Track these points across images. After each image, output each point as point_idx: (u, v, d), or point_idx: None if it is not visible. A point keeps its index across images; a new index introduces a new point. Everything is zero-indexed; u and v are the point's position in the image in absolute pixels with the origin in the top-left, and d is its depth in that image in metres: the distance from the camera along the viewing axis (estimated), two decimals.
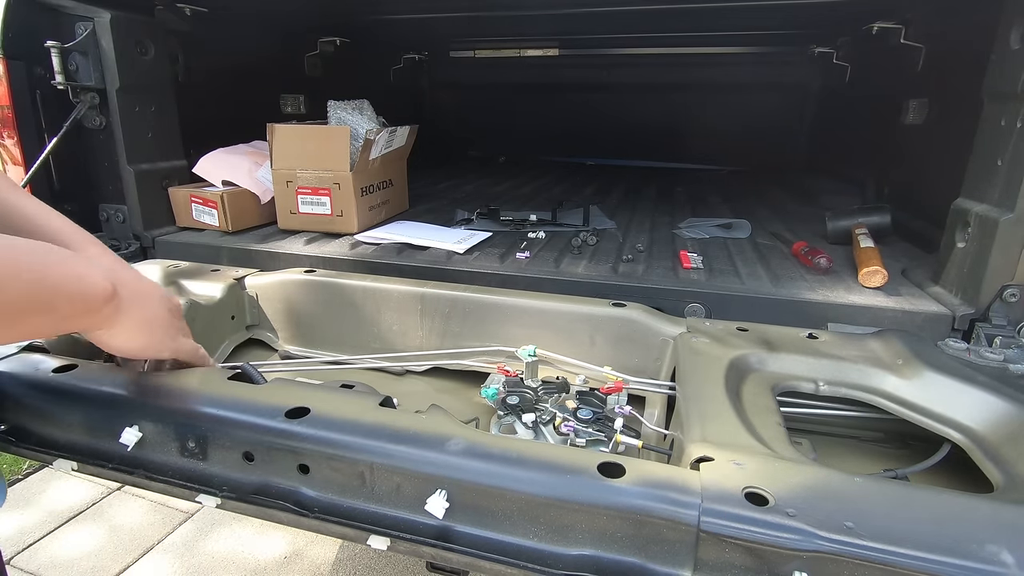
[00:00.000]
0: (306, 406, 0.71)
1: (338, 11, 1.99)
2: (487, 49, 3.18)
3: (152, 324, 0.75)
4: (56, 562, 1.74)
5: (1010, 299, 1.00)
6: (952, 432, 0.79)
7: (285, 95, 2.22)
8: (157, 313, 0.75)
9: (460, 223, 1.68)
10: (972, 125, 1.12)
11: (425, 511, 0.62)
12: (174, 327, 0.79)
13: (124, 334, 0.71)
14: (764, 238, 1.59)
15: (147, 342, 0.74)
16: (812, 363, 0.92)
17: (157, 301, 0.77)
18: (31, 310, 0.56)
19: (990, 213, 1.01)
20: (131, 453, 0.74)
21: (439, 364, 1.14)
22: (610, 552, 0.58)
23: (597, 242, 1.49)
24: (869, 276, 1.15)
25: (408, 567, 1.75)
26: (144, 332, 0.73)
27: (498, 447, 0.64)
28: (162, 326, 0.76)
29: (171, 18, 1.62)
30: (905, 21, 1.73)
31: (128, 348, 0.73)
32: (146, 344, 0.75)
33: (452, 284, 1.18)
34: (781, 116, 2.92)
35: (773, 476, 0.60)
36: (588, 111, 3.21)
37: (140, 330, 0.72)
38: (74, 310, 0.62)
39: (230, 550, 1.80)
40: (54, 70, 1.37)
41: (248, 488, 0.70)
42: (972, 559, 0.50)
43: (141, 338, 0.73)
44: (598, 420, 0.87)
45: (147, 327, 0.74)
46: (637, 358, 1.05)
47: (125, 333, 0.71)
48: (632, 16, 1.98)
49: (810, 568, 0.52)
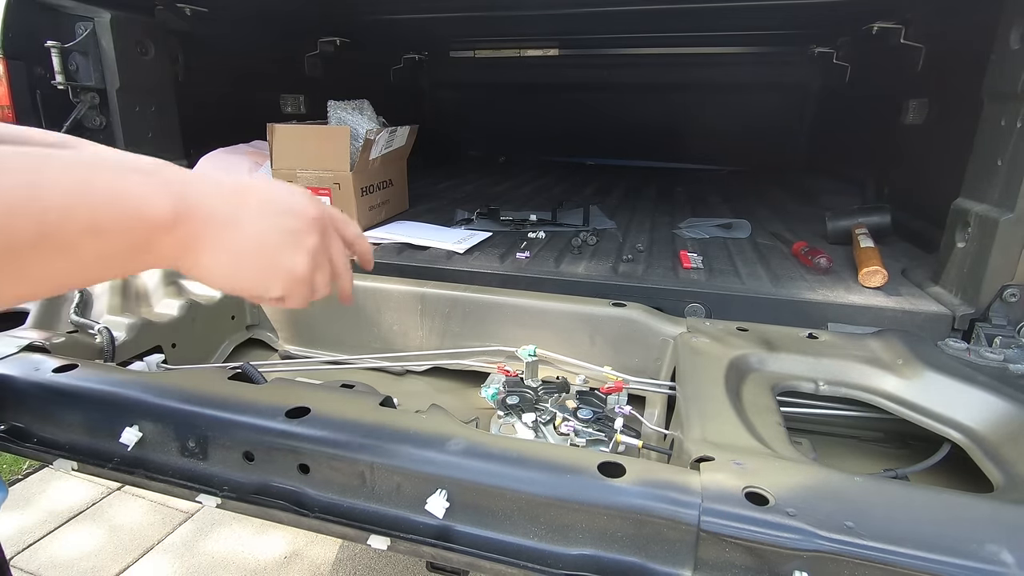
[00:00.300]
0: (306, 406, 0.71)
1: (338, 11, 1.99)
2: (487, 49, 3.18)
3: (256, 249, 0.51)
4: (56, 562, 1.74)
5: (1010, 299, 1.00)
6: (952, 432, 0.79)
7: (285, 95, 2.23)
8: (262, 229, 0.51)
9: (460, 223, 1.68)
10: (972, 125, 1.12)
11: (425, 511, 0.62)
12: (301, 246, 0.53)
13: (218, 263, 0.49)
14: (764, 238, 1.59)
15: (260, 265, 0.51)
16: (812, 363, 0.92)
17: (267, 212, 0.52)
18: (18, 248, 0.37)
19: (990, 213, 1.01)
20: (131, 453, 0.74)
21: (439, 364, 1.14)
22: (611, 552, 0.58)
23: (597, 242, 1.49)
24: (869, 276, 1.15)
25: (408, 567, 1.75)
26: (250, 252, 0.51)
27: (498, 447, 0.64)
28: (274, 248, 0.52)
29: (171, 18, 1.62)
30: (905, 21, 1.73)
31: (234, 278, 0.51)
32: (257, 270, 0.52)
33: (452, 284, 1.18)
34: (781, 116, 2.92)
35: (773, 476, 0.60)
36: (588, 111, 3.21)
37: (244, 251, 0.50)
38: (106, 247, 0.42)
39: (230, 550, 1.80)
40: (54, 70, 1.37)
41: (248, 488, 0.70)
42: (972, 559, 0.50)
43: (249, 262, 0.51)
44: (598, 420, 0.87)
45: (256, 244, 0.51)
46: (637, 358, 1.05)
47: (221, 261, 0.49)
48: (632, 16, 1.98)
49: (810, 568, 0.52)
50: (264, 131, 1.49)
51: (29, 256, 0.38)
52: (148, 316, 1.09)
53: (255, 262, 0.51)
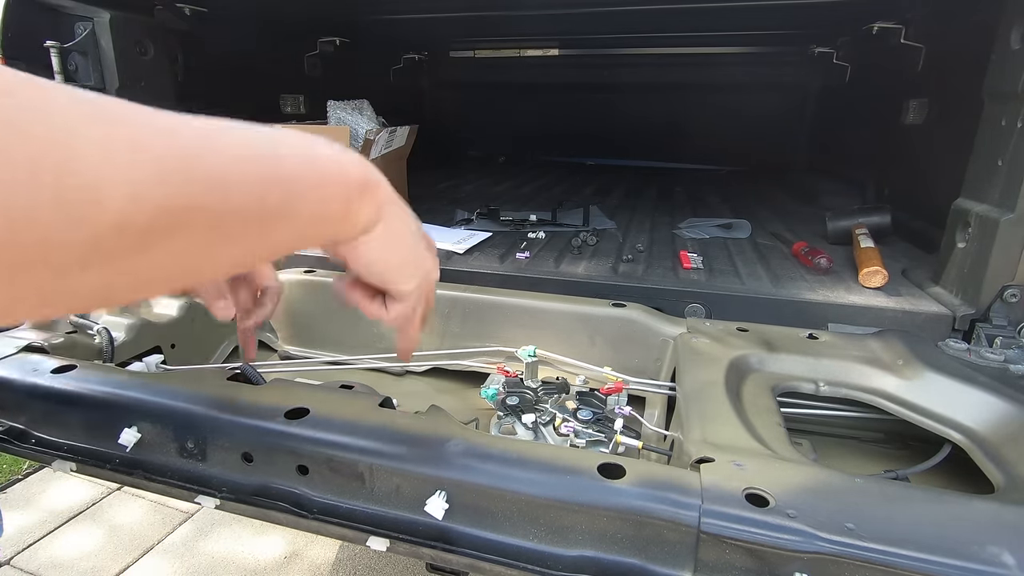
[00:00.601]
0: (305, 407, 0.70)
1: (338, 11, 1.99)
2: (487, 49, 3.18)
3: (413, 227, 0.54)
4: (56, 562, 1.74)
5: (1010, 299, 1.00)
6: (953, 433, 0.79)
7: (285, 95, 2.22)
8: (409, 221, 0.53)
9: (460, 223, 1.68)
10: (972, 125, 1.12)
11: (425, 512, 0.62)
12: (431, 252, 0.58)
13: (382, 242, 0.50)
14: (764, 238, 1.59)
15: (409, 252, 0.53)
16: (812, 363, 0.91)
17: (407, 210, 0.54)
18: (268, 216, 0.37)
19: (990, 213, 1.01)
20: (130, 454, 0.74)
21: (439, 364, 1.14)
22: (610, 553, 0.58)
23: (597, 242, 1.49)
24: (869, 276, 1.15)
25: (408, 567, 1.75)
26: (407, 236, 0.53)
27: (498, 448, 0.64)
28: (420, 233, 0.55)
29: (171, 18, 1.62)
30: (905, 21, 1.73)
31: (387, 259, 0.52)
32: (407, 256, 0.53)
33: (452, 284, 1.18)
34: (781, 116, 2.92)
35: (774, 477, 0.60)
36: (588, 111, 3.21)
37: (401, 234, 0.52)
38: (323, 210, 0.43)
39: (230, 550, 1.80)
40: (54, 70, 1.36)
41: (247, 489, 0.70)
42: (973, 560, 0.50)
43: (403, 247, 0.52)
44: (598, 421, 0.87)
45: (408, 231, 0.53)
46: (637, 358, 1.05)
47: (384, 241, 0.50)
48: (632, 16, 1.98)
49: (811, 569, 0.52)
50: None
51: (272, 223, 0.38)
52: (147, 316, 1.09)
53: (405, 246, 0.53)
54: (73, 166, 0.26)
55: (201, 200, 0.32)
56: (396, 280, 0.54)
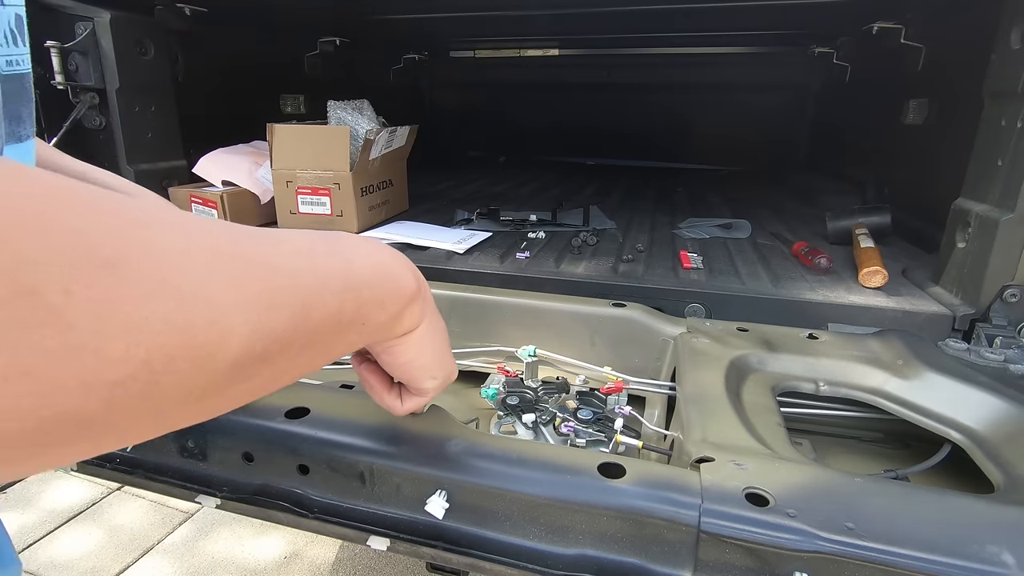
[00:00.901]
0: (306, 406, 0.71)
1: (338, 11, 1.99)
2: (487, 49, 3.18)
3: (444, 328, 0.56)
4: (56, 562, 1.74)
5: (1010, 299, 1.00)
6: (953, 432, 0.79)
7: (285, 95, 2.22)
8: (439, 322, 0.55)
9: (460, 223, 1.68)
10: (972, 125, 1.12)
11: (425, 511, 0.62)
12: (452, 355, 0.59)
13: (419, 343, 0.52)
14: (764, 238, 1.59)
15: (439, 353, 0.55)
16: (812, 363, 0.91)
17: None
18: (344, 327, 0.38)
19: (990, 213, 1.01)
20: (130, 454, 0.74)
21: None
22: (610, 552, 0.58)
23: (597, 242, 1.49)
24: (869, 276, 1.15)
25: (408, 567, 1.75)
26: (439, 338, 0.54)
27: (498, 447, 0.64)
28: (445, 342, 0.56)
29: (171, 18, 1.62)
30: (905, 21, 1.73)
31: (420, 360, 0.53)
32: (436, 357, 0.55)
33: (452, 284, 1.18)
34: (781, 116, 2.92)
35: (774, 477, 0.60)
36: (588, 111, 3.21)
37: (435, 336, 0.53)
38: (384, 316, 0.44)
39: (230, 550, 1.80)
40: (54, 70, 1.37)
41: (248, 489, 0.70)
42: (973, 560, 0.50)
43: (435, 348, 0.54)
44: (598, 420, 0.87)
45: (441, 333, 0.55)
46: (637, 358, 1.05)
47: (421, 342, 0.52)
48: (632, 16, 1.98)
49: (811, 569, 0.52)
50: (264, 131, 1.49)
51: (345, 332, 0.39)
52: None
53: (437, 347, 0.54)
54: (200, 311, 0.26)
55: (304, 323, 0.33)
56: (423, 379, 0.56)
